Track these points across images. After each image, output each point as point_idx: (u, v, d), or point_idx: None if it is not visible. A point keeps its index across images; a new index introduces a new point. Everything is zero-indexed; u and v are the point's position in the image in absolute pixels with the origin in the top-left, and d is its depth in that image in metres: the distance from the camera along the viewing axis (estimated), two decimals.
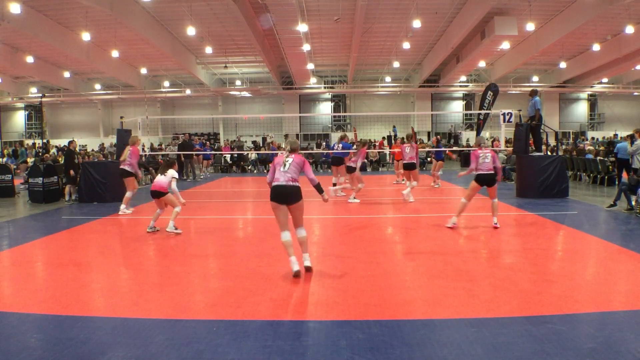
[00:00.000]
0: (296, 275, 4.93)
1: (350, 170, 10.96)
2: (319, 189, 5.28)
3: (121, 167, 9.80)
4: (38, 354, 3.27)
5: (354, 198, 10.77)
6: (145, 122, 17.57)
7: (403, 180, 14.00)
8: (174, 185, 7.60)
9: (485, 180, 7.61)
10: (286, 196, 5.00)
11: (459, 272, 5.08)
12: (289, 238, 5.07)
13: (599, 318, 3.78)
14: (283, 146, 27.34)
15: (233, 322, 3.79)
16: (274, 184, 5.07)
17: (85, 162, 12.52)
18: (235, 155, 22.67)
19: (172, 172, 7.70)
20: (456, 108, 34.49)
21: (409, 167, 11.30)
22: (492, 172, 7.57)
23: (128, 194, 9.68)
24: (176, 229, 7.61)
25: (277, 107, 34.11)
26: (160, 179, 7.67)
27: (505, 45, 23.38)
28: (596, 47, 23.53)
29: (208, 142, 25.94)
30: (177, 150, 18.11)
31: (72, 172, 11.57)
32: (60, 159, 17.97)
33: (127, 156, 9.75)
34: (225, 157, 23.51)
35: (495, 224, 7.53)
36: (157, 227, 7.75)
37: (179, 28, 22.09)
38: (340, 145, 12.10)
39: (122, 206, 9.59)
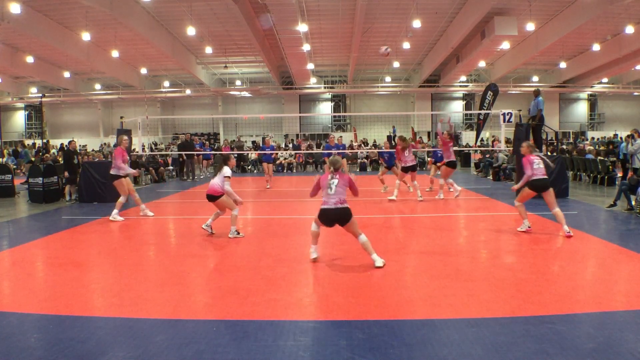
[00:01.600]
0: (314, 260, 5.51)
1: (407, 169, 10.98)
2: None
3: (110, 172, 9.30)
4: (38, 354, 3.27)
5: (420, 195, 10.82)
6: (145, 122, 17.58)
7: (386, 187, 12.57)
8: (227, 185, 7.06)
9: (539, 187, 6.97)
10: (336, 220, 5.38)
11: (459, 272, 5.08)
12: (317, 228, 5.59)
13: (599, 318, 3.78)
14: (283, 146, 27.37)
15: (233, 322, 3.79)
16: (323, 207, 5.38)
17: (85, 162, 12.51)
18: (235, 155, 22.64)
19: (225, 171, 7.12)
20: (456, 108, 34.49)
21: (411, 169, 11.00)
22: (546, 176, 7.06)
23: (121, 199, 9.14)
24: (238, 233, 7.20)
25: (277, 107, 34.11)
26: (214, 181, 7.15)
27: (505, 45, 23.38)
28: (596, 47, 23.54)
29: (207, 142, 25.92)
30: (178, 150, 18.12)
31: (66, 173, 11.52)
32: (60, 159, 17.99)
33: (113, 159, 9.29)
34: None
35: (568, 232, 6.78)
36: (213, 230, 7.37)
37: (179, 28, 22.09)
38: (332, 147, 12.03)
39: (114, 211, 9.01)
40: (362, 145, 26.65)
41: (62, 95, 32.33)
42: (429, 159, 12.59)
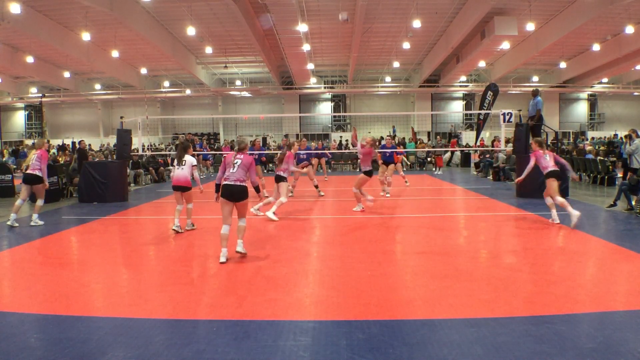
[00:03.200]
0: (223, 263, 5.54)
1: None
2: (256, 189, 6.15)
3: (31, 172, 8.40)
4: (38, 354, 3.27)
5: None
6: (145, 122, 17.56)
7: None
8: (196, 174, 7.49)
9: (554, 177, 7.75)
10: (234, 195, 5.71)
11: (459, 272, 5.08)
12: (227, 231, 5.72)
13: (599, 318, 3.78)
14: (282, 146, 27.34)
15: (233, 322, 3.79)
16: (225, 182, 5.76)
17: (85, 162, 12.50)
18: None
19: (190, 160, 7.46)
20: (456, 108, 34.50)
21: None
22: (557, 168, 7.82)
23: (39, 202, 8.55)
24: (193, 225, 7.78)
25: (277, 107, 34.12)
26: (183, 172, 7.40)
27: (505, 45, 23.39)
28: (596, 47, 23.54)
29: (205, 143, 25.94)
30: None
31: (77, 178, 11.63)
32: (60, 159, 17.97)
33: (35, 160, 8.43)
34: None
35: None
36: (182, 229, 7.53)
37: (179, 28, 22.10)
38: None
39: (35, 215, 8.47)
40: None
41: (62, 95, 32.34)
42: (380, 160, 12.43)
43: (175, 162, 7.61)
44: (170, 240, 7.29)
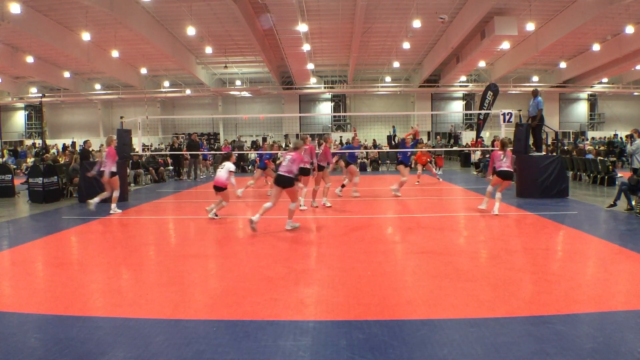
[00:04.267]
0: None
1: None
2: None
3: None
4: (38, 354, 3.27)
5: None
6: (145, 122, 17.57)
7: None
8: (232, 178, 8.56)
9: (504, 176, 8.91)
10: (283, 183, 7.31)
11: (459, 272, 5.08)
12: (268, 206, 7.29)
13: (599, 318, 3.78)
14: (283, 146, 27.36)
15: (233, 322, 3.79)
16: (278, 172, 7.39)
17: (85, 162, 12.51)
18: (236, 155, 22.65)
19: (229, 165, 8.59)
20: (456, 108, 34.51)
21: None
22: (510, 169, 8.96)
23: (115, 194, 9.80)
24: (216, 215, 8.78)
25: (277, 107, 34.12)
26: (220, 174, 8.60)
27: (505, 45, 23.39)
28: (596, 47, 23.55)
29: (206, 143, 25.95)
30: (187, 149, 18.11)
31: (77, 178, 11.66)
32: (60, 159, 17.97)
33: (105, 157, 9.65)
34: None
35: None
36: (218, 215, 8.81)
37: (179, 28, 22.10)
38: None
39: (113, 205, 9.75)
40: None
41: (62, 95, 32.34)
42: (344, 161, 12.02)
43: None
44: (171, 240, 7.30)
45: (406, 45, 22.96)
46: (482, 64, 27.58)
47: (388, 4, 19.59)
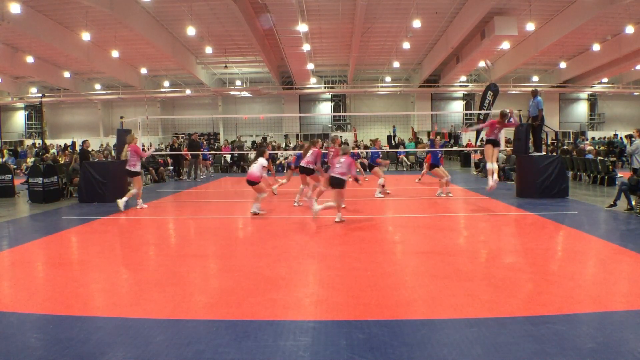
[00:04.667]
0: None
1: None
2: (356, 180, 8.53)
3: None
4: (38, 354, 3.27)
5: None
6: (145, 122, 17.58)
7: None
8: (265, 173, 9.05)
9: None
10: (334, 185, 8.09)
11: (459, 272, 5.08)
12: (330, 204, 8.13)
13: (599, 318, 3.78)
14: (283, 146, 27.38)
15: (233, 322, 3.79)
16: (331, 174, 8.16)
17: (85, 162, 12.51)
18: (236, 155, 22.69)
19: (262, 161, 9.00)
20: (456, 108, 34.51)
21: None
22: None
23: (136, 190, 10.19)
24: (260, 210, 9.01)
25: (277, 107, 34.12)
26: (252, 169, 8.99)
27: (505, 45, 23.39)
28: (596, 47, 23.54)
29: (205, 143, 25.97)
30: (188, 149, 18.11)
31: (77, 178, 11.70)
32: (60, 159, 17.97)
33: (130, 155, 10.09)
34: (225, 157, 23.53)
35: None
36: (263, 210, 9.09)
37: (179, 28, 22.10)
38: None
39: (140, 201, 10.24)
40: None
41: (62, 95, 32.34)
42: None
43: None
44: (171, 240, 7.29)
45: (406, 45, 22.95)
46: (482, 64, 27.59)
47: (388, 4, 19.59)
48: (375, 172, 11.84)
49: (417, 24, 19.47)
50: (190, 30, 20.08)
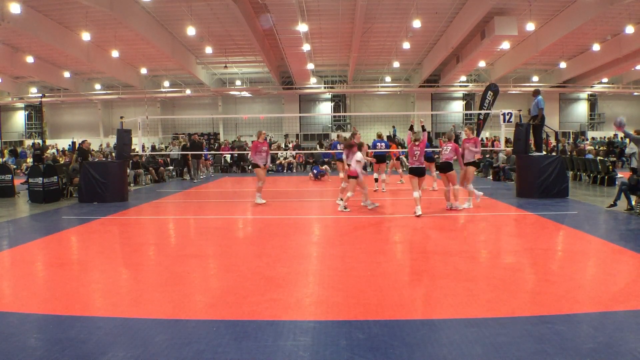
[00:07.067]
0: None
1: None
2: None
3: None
4: (38, 354, 3.27)
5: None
6: (145, 122, 17.56)
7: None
8: (359, 168, 9.16)
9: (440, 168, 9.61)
10: (417, 174, 8.76)
11: (459, 272, 5.08)
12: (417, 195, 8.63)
13: (599, 318, 3.78)
14: (283, 145, 27.40)
15: (233, 322, 3.79)
16: (410, 166, 8.80)
17: (85, 162, 12.51)
18: (236, 155, 22.67)
19: (358, 156, 9.15)
20: (456, 108, 34.48)
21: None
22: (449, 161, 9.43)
23: (259, 184, 10.66)
24: (373, 204, 9.62)
25: (277, 107, 34.10)
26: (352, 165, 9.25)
27: (505, 45, 23.36)
28: (596, 47, 23.52)
29: (205, 143, 25.97)
30: (189, 150, 18.10)
31: (77, 178, 11.70)
32: (60, 159, 17.97)
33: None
34: (225, 157, 23.52)
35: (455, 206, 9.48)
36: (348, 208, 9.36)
37: (179, 28, 22.08)
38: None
39: (258, 194, 10.72)
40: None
41: (62, 95, 32.31)
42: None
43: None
44: (171, 240, 7.29)
45: (406, 45, 22.93)
46: (482, 64, 27.56)
47: (388, 4, 19.56)
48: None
49: (417, 24, 19.44)
50: (190, 30, 20.06)
